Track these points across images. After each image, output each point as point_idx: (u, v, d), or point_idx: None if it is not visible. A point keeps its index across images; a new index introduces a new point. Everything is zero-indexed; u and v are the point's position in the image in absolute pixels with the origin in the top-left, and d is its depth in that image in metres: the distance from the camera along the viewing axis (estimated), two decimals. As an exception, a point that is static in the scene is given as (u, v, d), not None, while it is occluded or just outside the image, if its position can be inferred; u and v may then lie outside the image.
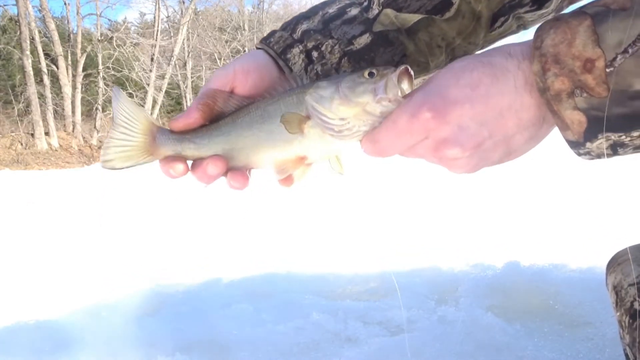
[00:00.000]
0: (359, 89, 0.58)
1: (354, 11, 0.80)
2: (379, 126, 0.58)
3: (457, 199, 3.98)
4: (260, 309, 1.90)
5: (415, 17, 0.78)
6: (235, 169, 0.69)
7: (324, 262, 2.43)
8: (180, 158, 0.70)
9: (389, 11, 0.78)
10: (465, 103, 0.54)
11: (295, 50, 0.76)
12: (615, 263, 0.92)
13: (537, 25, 0.56)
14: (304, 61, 0.76)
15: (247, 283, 2.27)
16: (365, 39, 0.78)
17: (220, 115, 0.69)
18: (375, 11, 0.79)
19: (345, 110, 0.58)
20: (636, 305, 0.82)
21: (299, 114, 0.61)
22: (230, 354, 1.59)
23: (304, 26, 0.78)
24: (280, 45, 0.76)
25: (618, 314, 0.87)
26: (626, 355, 0.88)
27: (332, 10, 0.80)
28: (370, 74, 0.59)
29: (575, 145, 0.54)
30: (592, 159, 0.55)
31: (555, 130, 0.56)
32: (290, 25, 0.80)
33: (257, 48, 0.80)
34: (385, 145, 0.58)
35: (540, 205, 3.44)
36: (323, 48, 0.77)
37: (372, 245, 2.67)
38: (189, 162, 0.71)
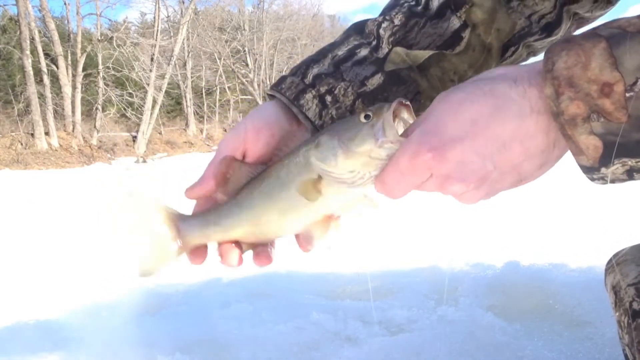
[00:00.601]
0: (359, 138, 0.57)
1: (363, 52, 0.79)
2: (385, 168, 0.57)
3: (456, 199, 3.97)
4: (260, 308, 1.91)
5: (426, 54, 0.78)
6: (260, 248, 0.68)
7: (324, 262, 2.43)
8: (205, 247, 0.68)
9: (399, 49, 0.78)
10: (464, 140, 0.52)
11: (309, 96, 0.75)
12: (614, 263, 0.92)
13: None
14: (318, 106, 0.75)
15: (247, 283, 2.27)
16: (377, 79, 0.77)
17: (234, 182, 0.68)
18: (385, 50, 0.78)
19: (352, 163, 0.57)
20: (635, 305, 0.82)
21: (311, 177, 0.60)
22: (230, 353, 1.59)
23: (314, 70, 0.78)
24: (292, 91, 0.75)
25: (617, 314, 0.87)
26: (625, 355, 0.88)
27: (341, 52, 0.79)
28: (367, 117, 0.58)
29: (589, 170, 0.52)
30: (606, 183, 0.54)
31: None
32: (301, 69, 0.79)
33: (269, 94, 0.79)
34: (392, 186, 0.57)
35: (540, 205, 3.44)
36: (336, 91, 0.76)
37: (372, 245, 2.67)
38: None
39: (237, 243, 0.67)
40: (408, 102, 0.58)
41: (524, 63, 0.85)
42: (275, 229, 0.66)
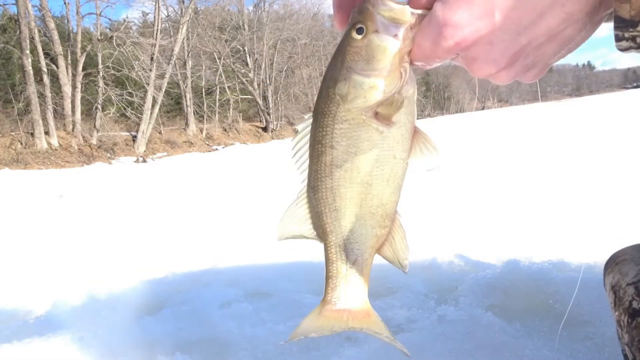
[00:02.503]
0: (376, 52, 0.49)
1: None
2: (412, 48, 0.50)
3: (457, 199, 3.98)
4: (260, 308, 1.91)
5: None
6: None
7: (324, 262, 2.42)
8: None
9: None
10: (493, 17, 0.45)
11: None
12: (613, 263, 0.92)
13: None
14: None
15: (247, 283, 2.27)
16: None
17: None
18: None
19: (391, 76, 0.50)
20: (635, 304, 0.82)
21: (370, 125, 0.52)
22: (230, 353, 1.59)
23: None
24: None
25: (616, 313, 0.87)
26: (624, 354, 0.88)
27: None
28: (359, 30, 0.50)
29: (624, 25, 0.45)
30: (630, 49, 0.47)
31: None
32: None
33: None
34: (420, 60, 0.51)
35: (540, 204, 3.44)
36: None
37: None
38: None
39: None
40: None
41: None
42: (391, 203, 0.57)
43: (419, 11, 0.49)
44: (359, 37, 0.50)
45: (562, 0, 0.44)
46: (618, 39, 0.47)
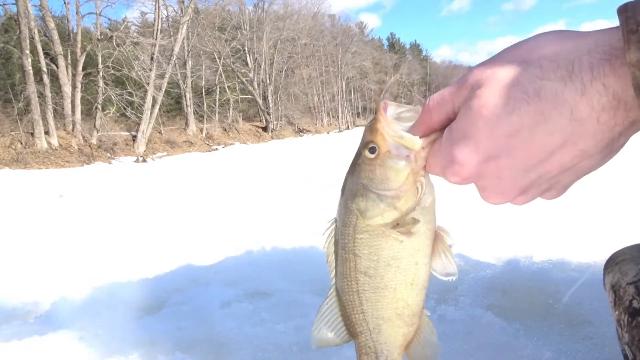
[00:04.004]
0: (390, 173, 0.50)
1: None
2: (426, 164, 0.52)
3: (456, 198, 3.98)
4: (260, 308, 1.91)
5: None
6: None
7: (324, 261, 2.42)
8: None
9: None
10: (500, 156, 0.45)
11: None
12: (613, 263, 0.92)
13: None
14: None
15: (247, 283, 2.27)
16: None
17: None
18: None
19: (406, 195, 0.51)
20: (635, 303, 0.82)
21: (391, 238, 0.54)
22: (230, 353, 1.59)
23: None
24: None
25: (616, 312, 0.87)
26: (624, 354, 0.88)
27: None
28: (372, 150, 0.51)
29: None
30: None
31: None
32: None
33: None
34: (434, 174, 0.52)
35: (539, 204, 3.44)
36: None
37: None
38: None
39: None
40: (386, 101, 0.51)
41: None
42: (417, 303, 0.59)
43: (437, 135, 0.50)
44: (372, 156, 0.51)
45: (573, 139, 0.43)
46: None
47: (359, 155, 0.53)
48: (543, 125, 0.42)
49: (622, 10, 0.39)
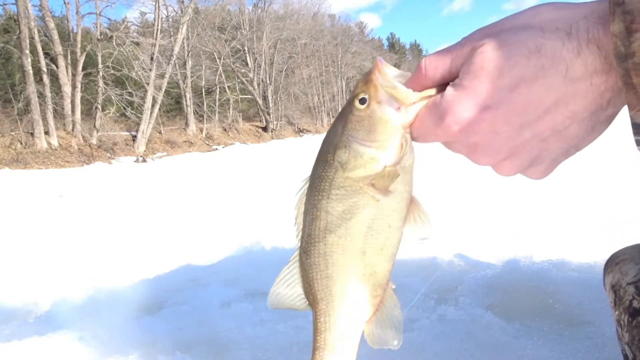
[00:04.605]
0: (378, 124, 0.49)
1: None
2: (413, 121, 0.51)
3: (456, 198, 3.98)
4: (260, 308, 1.90)
5: None
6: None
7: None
8: None
9: None
10: (499, 108, 0.46)
11: None
12: (613, 263, 0.92)
13: None
14: None
15: (247, 283, 2.27)
16: None
17: None
18: None
19: (393, 146, 0.50)
20: (635, 303, 0.82)
21: (367, 194, 0.52)
22: (230, 353, 1.59)
23: None
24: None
25: (617, 312, 0.87)
26: (624, 354, 0.88)
27: None
28: (362, 101, 0.50)
29: None
30: None
31: None
32: None
33: None
34: (418, 136, 0.52)
35: (539, 204, 3.44)
36: None
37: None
38: None
39: None
40: (381, 58, 0.51)
41: None
42: (384, 271, 0.56)
43: (430, 91, 0.50)
44: (362, 106, 0.50)
45: (566, 98, 0.45)
46: (638, 143, 0.48)
47: (347, 106, 0.52)
48: (542, 80, 0.44)
49: None
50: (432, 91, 0.50)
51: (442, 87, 0.50)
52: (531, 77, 0.44)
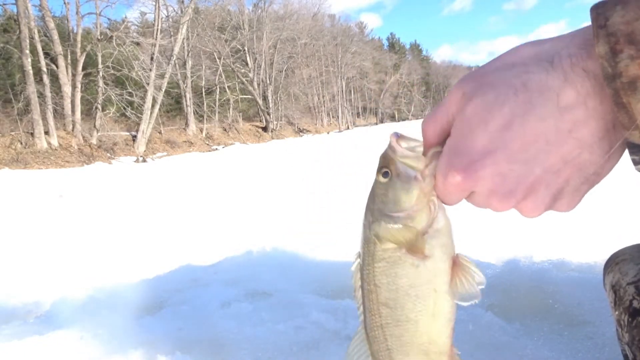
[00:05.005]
0: (400, 195, 0.52)
1: None
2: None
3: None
4: (260, 308, 1.91)
5: None
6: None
7: (324, 261, 2.43)
8: None
9: None
10: (497, 151, 0.46)
11: None
12: (613, 263, 0.92)
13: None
14: None
15: (247, 283, 2.27)
16: None
17: None
18: None
19: (419, 213, 0.52)
20: (635, 303, 0.82)
21: (407, 262, 0.53)
22: (230, 352, 1.59)
23: None
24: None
25: (617, 312, 0.87)
26: (624, 354, 0.88)
27: None
28: (385, 174, 0.53)
29: (638, 149, 0.46)
30: None
31: None
32: None
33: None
34: (442, 198, 0.52)
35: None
36: None
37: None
38: None
39: None
40: (400, 133, 0.54)
41: None
42: (443, 338, 0.57)
43: (436, 149, 0.51)
44: (385, 180, 0.53)
45: (566, 126, 0.44)
46: (636, 162, 0.48)
47: (374, 182, 0.55)
48: (533, 113, 0.45)
49: (594, 8, 0.43)
50: (439, 148, 0.52)
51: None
52: (522, 113, 0.45)
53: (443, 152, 0.50)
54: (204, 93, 29.91)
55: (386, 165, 0.53)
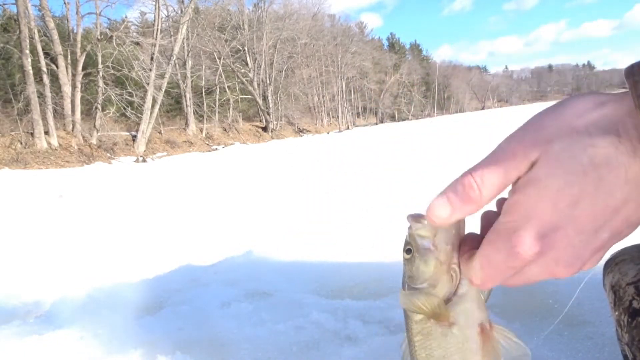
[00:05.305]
0: (418, 267, 0.54)
1: None
2: (475, 263, 0.53)
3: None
4: (260, 308, 1.91)
5: None
6: None
7: (324, 261, 2.43)
8: None
9: None
10: (568, 226, 0.46)
11: None
12: (613, 263, 0.93)
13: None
14: None
15: (247, 283, 2.27)
16: None
17: None
18: None
19: (439, 281, 0.54)
20: (635, 304, 0.83)
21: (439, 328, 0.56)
22: (230, 352, 1.59)
23: None
24: None
25: (616, 313, 0.87)
26: (624, 354, 0.88)
27: None
28: (408, 251, 0.55)
29: None
30: None
31: None
32: None
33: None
34: (489, 278, 0.52)
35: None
36: None
37: (373, 244, 2.67)
38: None
39: None
40: (416, 213, 0.55)
41: None
42: None
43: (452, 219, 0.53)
44: (408, 256, 0.56)
45: (632, 195, 0.44)
46: None
47: (403, 259, 0.58)
48: (602, 189, 0.44)
49: (629, 74, 0.41)
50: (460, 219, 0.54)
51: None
52: (591, 190, 0.44)
53: (507, 229, 0.48)
54: (204, 93, 29.91)
55: (408, 242, 0.56)
